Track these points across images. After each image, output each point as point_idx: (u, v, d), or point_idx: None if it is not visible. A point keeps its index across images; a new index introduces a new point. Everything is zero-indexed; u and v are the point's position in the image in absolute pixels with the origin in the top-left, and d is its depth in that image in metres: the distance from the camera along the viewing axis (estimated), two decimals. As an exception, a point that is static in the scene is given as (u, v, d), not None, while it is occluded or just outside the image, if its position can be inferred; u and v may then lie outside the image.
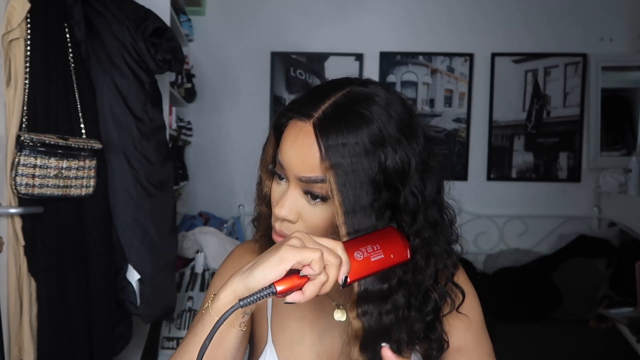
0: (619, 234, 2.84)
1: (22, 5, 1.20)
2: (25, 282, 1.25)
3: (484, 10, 3.12)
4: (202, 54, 3.11)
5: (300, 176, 0.65)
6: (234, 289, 0.58)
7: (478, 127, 3.17)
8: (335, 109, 0.63)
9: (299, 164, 0.64)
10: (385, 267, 0.62)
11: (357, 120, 0.62)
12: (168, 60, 1.56)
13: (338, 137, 0.61)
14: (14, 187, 1.21)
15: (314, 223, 0.67)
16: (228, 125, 3.15)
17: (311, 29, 3.13)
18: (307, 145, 0.63)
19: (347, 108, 0.63)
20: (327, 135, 0.62)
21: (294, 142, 0.65)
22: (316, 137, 0.62)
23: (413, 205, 0.65)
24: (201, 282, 2.20)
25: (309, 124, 0.64)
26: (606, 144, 3.15)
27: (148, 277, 1.53)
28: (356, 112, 0.63)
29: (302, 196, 0.66)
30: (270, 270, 0.56)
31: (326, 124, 0.62)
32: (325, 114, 0.63)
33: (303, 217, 0.67)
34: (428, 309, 0.69)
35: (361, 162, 0.61)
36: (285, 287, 0.56)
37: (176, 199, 2.42)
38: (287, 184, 0.68)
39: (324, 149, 0.62)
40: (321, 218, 0.66)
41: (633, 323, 2.16)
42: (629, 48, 3.09)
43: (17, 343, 1.25)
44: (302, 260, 0.56)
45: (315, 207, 0.66)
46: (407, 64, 3.14)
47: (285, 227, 0.68)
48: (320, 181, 0.63)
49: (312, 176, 0.64)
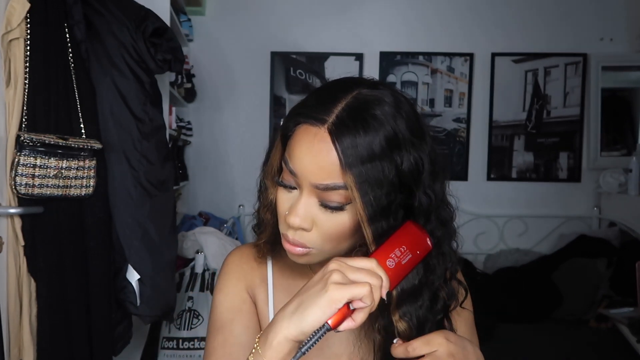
0: (619, 234, 2.84)
1: (22, 5, 1.20)
2: (25, 282, 1.25)
3: (484, 11, 3.12)
4: (202, 54, 3.11)
5: (317, 184, 0.63)
6: (285, 334, 0.58)
7: (478, 127, 3.17)
8: (349, 113, 0.62)
9: (315, 171, 0.62)
10: (415, 264, 0.63)
11: (372, 123, 0.61)
12: (168, 60, 1.56)
13: (356, 140, 0.60)
14: (14, 187, 1.21)
15: (329, 230, 0.66)
16: (228, 125, 3.15)
17: (311, 29, 3.13)
18: (324, 151, 0.61)
19: (360, 111, 0.62)
20: (344, 140, 0.61)
21: (310, 149, 0.62)
22: (333, 143, 0.61)
23: (426, 205, 0.65)
24: (201, 282, 2.20)
25: (323, 129, 0.62)
26: (606, 144, 3.15)
27: (148, 277, 1.53)
28: (370, 114, 0.62)
29: (315, 204, 0.65)
30: (323, 313, 0.57)
31: (342, 128, 0.61)
32: (340, 118, 0.62)
33: (317, 225, 0.66)
34: (438, 307, 0.69)
35: (379, 165, 0.61)
36: (337, 320, 0.57)
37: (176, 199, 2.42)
38: (299, 191, 0.66)
39: (342, 155, 0.60)
40: (336, 225, 0.65)
41: (633, 323, 2.16)
42: (629, 48, 3.09)
43: (17, 343, 1.25)
44: (353, 297, 0.57)
45: (329, 214, 0.65)
46: (407, 64, 3.14)
47: (299, 235, 0.66)
48: (340, 188, 0.62)
49: (331, 183, 0.62)
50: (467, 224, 3.07)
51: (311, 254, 0.68)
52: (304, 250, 0.67)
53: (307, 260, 0.70)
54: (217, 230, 2.43)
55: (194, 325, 2.11)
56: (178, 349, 2.09)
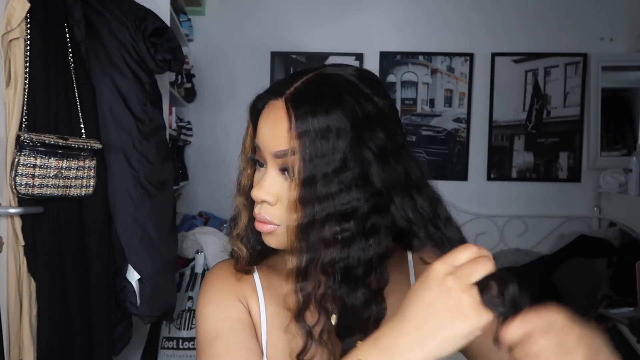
0: (619, 234, 2.84)
1: (22, 5, 1.20)
2: (25, 282, 1.25)
3: (484, 10, 3.12)
4: (202, 54, 3.11)
5: (275, 151, 0.64)
6: None
7: (478, 127, 3.17)
8: (306, 85, 0.65)
9: (272, 139, 0.64)
10: None
11: (327, 93, 0.63)
12: (168, 60, 1.56)
13: (308, 107, 0.62)
14: (14, 187, 1.21)
15: (288, 203, 0.64)
16: (228, 125, 3.14)
17: (311, 28, 3.13)
18: (279, 118, 0.64)
19: (317, 84, 0.65)
20: (297, 106, 0.63)
21: (268, 119, 0.65)
22: (287, 110, 0.63)
23: (388, 182, 0.61)
24: (201, 282, 2.20)
25: (281, 100, 0.65)
26: (606, 144, 3.15)
27: (148, 277, 1.53)
28: (326, 87, 0.64)
29: (279, 176, 0.65)
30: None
31: (296, 97, 0.64)
32: (297, 89, 0.64)
33: (281, 199, 0.65)
34: None
35: (328, 130, 0.61)
36: None
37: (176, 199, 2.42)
38: (265, 167, 0.67)
39: (293, 119, 0.62)
40: (295, 197, 0.63)
41: (633, 323, 2.16)
42: (629, 48, 3.09)
43: (17, 343, 1.25)
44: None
45: (289, 184, 0.64)
46: (407, 64, 3.14)
47: (265, 210, 0.66)
48: (291, 154, 0.62)
49: (285, 149, 0.63)
50: (467, 224, 3.07)
51: (278, 233, 0.67)
52: (271, 228, 0.66)
53: (277, 242, 0.68)
54: (217, 230, 2.43)
55: (194, 325, 2.10)
56: (178, 349, 2.09)
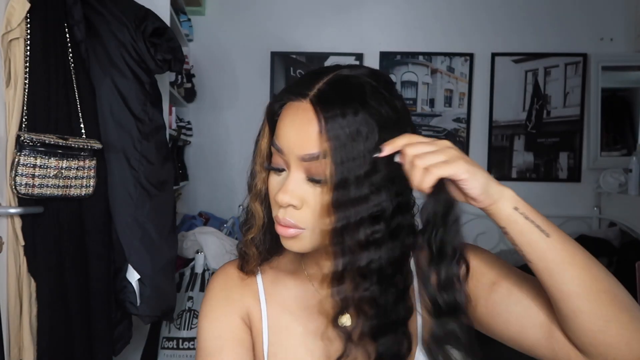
0: (619, 234, 2.84)
1: (22, 5, 1.20)
2: (25, 282, 1.25)
3: (484, 10, 3.11)
4: (202, 54, 3.11)
5: (303, 155, 0.63)
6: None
7: (478, 127, 3.17)
8: (330, 86, 0.64)
9: (300, 142, 0.63)
10: None
11: (353, 95, 0.62)
12: (168, 60, 1.56)
13: (336, 110, 0.61)
14: (14, 187, 1.21)
15: (317, 206, 0.64)
16: (228, 125, 3.14)
17: (311, 28, 3.13)
18: (306, 120, 0.62)
19: (341, 84, 0.64)
20: (326, 108, 0.61)
21: (294, 122, 0.64)
22: (315, 112, 0.62)
23: None
24: (201, 282, 2.20)
25: (306, 102, 0.63)
26: (606, 144, 3.15)
27: (148, 277, 1.53)
28: (350, 84, 0.64)
29: (304, 180, 0.64)
30: None
31: (322, 98, 0.62)
32: (321, 90, 0.63)
33: (307, 202, 0.64)
34: None
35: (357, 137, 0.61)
36: None
37: (176, 199, 2.42)
38: (288, 171, 0.66)
39: (323, 122, 0.61)
40: (328, 202, 0.62)
41: (633, 323, 2.16)
42: (629, 48, 3.09)
43: (17, 343, 1.24)
44: None
45: (318, 189, 0.64)
46: (407, 64, 3.14)
47: (290, 214, 0.65)
48: (322, 157, 0.62)
49: (315, 152, 0.62)
50: (467, 224, 3.06)
51: (302, 237, 0.66)
52: (295, 232, 0.66)
53: (300, 246, 0.67)
54: (217, 230, 2.43)
55: (194, 325, 2.11)
56: (178, 349, 2.09)
